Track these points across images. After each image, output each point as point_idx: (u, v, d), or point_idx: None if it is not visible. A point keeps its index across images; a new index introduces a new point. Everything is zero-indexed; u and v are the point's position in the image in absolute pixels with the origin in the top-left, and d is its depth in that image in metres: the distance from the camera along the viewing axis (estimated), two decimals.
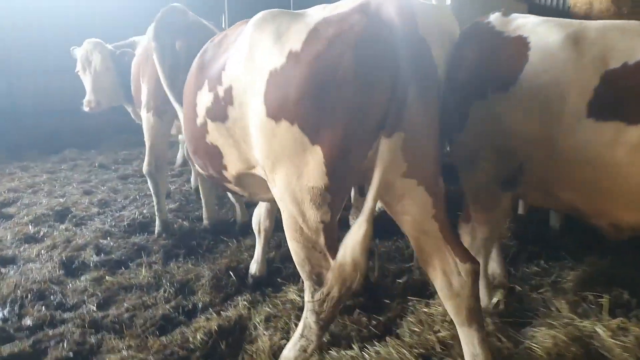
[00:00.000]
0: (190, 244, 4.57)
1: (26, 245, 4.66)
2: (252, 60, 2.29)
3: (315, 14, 2.24)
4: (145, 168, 4.76)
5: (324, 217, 2.19)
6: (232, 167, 2.68)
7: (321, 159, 2.09)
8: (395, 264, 3.92)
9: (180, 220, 5.18)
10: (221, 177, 2.85)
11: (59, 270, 4.03)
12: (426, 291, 3.49)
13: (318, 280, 2.35)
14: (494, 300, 3.12)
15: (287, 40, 2.16)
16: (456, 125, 2.91)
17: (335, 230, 2.29)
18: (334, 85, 2.01)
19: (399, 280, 3.65)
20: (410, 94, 2.04)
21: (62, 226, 5.09)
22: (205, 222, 4.98)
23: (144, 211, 5.41)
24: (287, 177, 2.22)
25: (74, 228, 5.04)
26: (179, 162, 7.42)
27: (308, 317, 2.60)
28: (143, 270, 3.97)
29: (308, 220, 2.23)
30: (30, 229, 5.01)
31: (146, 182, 6.83)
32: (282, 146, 2.17)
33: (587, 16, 7.85)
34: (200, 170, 3.13)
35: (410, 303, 3.31)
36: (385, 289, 3.54)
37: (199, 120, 2.72)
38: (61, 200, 5.89)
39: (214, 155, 2.72)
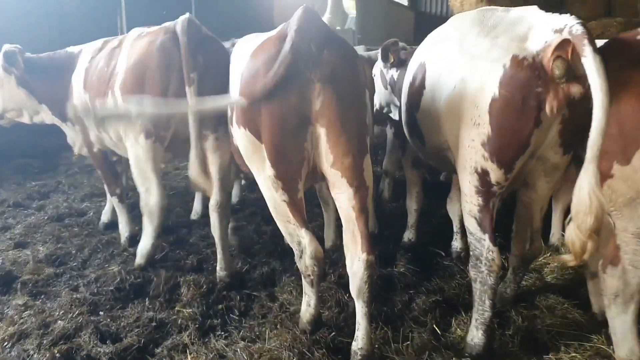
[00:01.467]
0: (217, 308, 3.59)
1: None
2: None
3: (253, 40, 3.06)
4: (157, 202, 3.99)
5: (283, 198, 2.81)
6: None
7: (265, 154, 2.72)
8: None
9: None
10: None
11: None
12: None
13: (299, 248, 2.96)
14: None
15: (238, 64, 3.05)
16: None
17: (301, 208, 2.88)
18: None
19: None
20: (322, 94, 2.57)
21: (16, 301, 3.66)
22: (221, 274, 3.98)
23: (127, 267, 4.17)
24: (257, 170, 2.91)
25: (37, 303, 3.64)
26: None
27: (303, 280, 3.13)
28: (189, 358, 2.95)
29: (275, 200, 2.87)
30: None
31: (96, 224, 5.40)
32: (246, 147, 2.89)
33: None
34: None
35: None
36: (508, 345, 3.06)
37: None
38: None
39: None
